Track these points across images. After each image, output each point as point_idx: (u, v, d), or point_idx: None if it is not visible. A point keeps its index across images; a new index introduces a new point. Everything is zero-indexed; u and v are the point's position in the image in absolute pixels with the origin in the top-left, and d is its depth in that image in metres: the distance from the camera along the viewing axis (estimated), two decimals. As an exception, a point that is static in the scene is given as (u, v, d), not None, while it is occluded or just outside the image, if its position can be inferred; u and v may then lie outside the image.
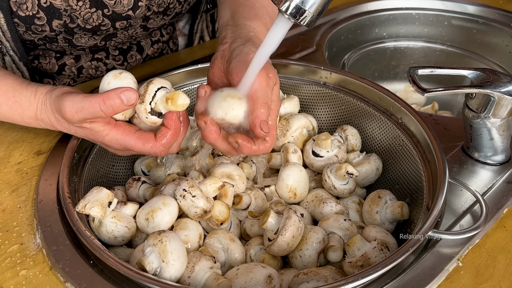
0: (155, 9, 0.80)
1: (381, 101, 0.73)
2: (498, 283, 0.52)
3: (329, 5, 0.51)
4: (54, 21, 0.72)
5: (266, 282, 0.51)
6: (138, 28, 0.82)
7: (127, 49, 0.88)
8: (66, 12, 0.72)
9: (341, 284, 0.46)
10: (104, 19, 0.75)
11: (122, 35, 0.82)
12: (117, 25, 0.77)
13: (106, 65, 0.87)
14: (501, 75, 0.62)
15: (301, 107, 0.81)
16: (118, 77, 0.56)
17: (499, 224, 0.59)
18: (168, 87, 0.57)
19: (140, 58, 0.90)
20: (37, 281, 0.51)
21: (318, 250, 0.57)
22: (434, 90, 0.60)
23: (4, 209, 0.60)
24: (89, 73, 0.86)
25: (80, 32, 0.76)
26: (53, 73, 0.84)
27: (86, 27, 0.75)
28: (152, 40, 0.91)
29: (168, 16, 0.84)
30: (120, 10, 0.75)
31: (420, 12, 1.16)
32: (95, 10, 0.74)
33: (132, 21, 0.78)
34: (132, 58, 0.89)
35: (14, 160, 0.68)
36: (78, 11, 0.72)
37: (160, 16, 0.82)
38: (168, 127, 0.56)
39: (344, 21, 1.10)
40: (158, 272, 0.49)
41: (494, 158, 0.67)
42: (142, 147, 0.57)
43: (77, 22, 0.73)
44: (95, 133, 0.58)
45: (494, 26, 1.11)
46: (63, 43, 0.78)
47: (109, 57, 0.87)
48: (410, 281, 0.50)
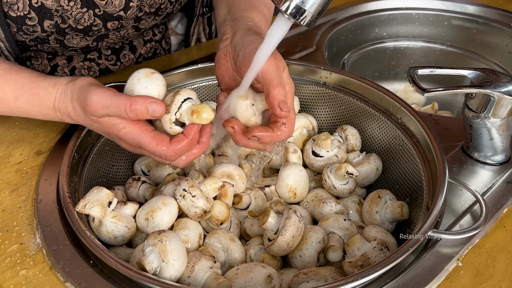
0: (147, 10, 0.80)
1: (381, 101, 0.73)
2: (498, 283, 0.52)
3: (329, 5, 0.51)
4: (46, 21, 0.72)
5: (266, 282, 0.51)
6: (130, 29, 0.82)
7: (119, 48, 0.88)
8: (58, 12, 0.71)
9: (341, 284, 0.46)
10: (96, 19, 0.75)
11: (114, 36, 0.81)
12: (109, 26, 0.77)
13: (99, 65, 0.87)
14: (501, 75, 0.62)
15: (301, 107, 0.81)
16: (150, 77, 0.56)
17: (499, 224, 0.59)
18: (194, 98, 0.57)
19: (133, 57, 0.90)
20: (37, 281, 0.51)
21: (318, 250, 0.57)
22: (434, 90, 0.60)
23: (4, 209, 0.60)
24: (81, 73, 0.86)
25: (72, 33, 0.76)
26: (45, 73, 0.84)
27: (78, 27, 0.75)
28: (145, 39, 0.91)
29: (160, 16, 0.84)
30: (112, 10, 0.75)
31: (420, 12, 1.16)
32: (86, 10, 0.73)
33: (123, 22, 0.78)
34: (125, 58, 0.88)
35: (14, 160, 0.68)
36: (70, 11, 0.72)
37: (152, 16, 0.82)
38: (186, 136, 0.55)
39: (344, 21, 1.10)
40: (158, 271, 0.49)
41: (494, 158, 0.67)
42: (155, 147, 0.55)
43: (69, 23, 0.73)
44: (111, 126, 0.56)
45: (494, 26, 1.11)
46: (55, 44, 0.77)
47: (102, 57, 0.86)
48: (410, 281, 0.50)
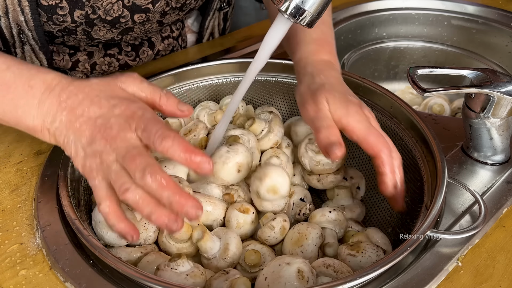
0: (173, 5, 0.80)
1: (380, 101, 0.73)
2: (497, 283, 0.52)
3: (329, 5, 0.51)
4: (76, 11, 0.72)
5: (299, 279, 0.49)
6: (154, 23, 0.82)
7: (139, 44, 0.88)
8: (89, 2, 0.72)
9: (340, 284, 0.46)
10: (124, 10, 0.75)
11: (139, 29, 0.82)
12: (136, 18, 0.77)
13: (119, 61, 0.87)
14: (501, 75, 0.62)
15: (301, 107, 0.81)
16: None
17: (498, 224, 0.59)
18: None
19: (152, 54, 0.91)
20: (37, 281, 0.51)
21: (318, 245, 0.57)
22: (434, 90, 0.60)
23: (4, 208, 0.60)
24: (102, 69, 0.86)
25: (100, 24, 0.76)
26: (66, 69, 0.84)
27: (107, 18, 0.75)
28: (162, 36, 0.92)
29: (183, 12, 0.85)
30: (140, 2, 0.76)
31: (420, 12, 1.16)
32: (116, 0, 0.74)
33: (150, 15, 0.78)
34: (144, 54, 0.89)
35: (14, 159, 0.68)
36: (100, 1, 0.73)
37: (176, 11, 0.83)
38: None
39: (344, 21, 1.10)
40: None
41: (494, 158, 0.67)
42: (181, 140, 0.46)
43: (99, 13, 0.74)
44: (141, 106, 0.49)
45: (494, 26, 1.11)
46: (82, 35, 0.77)
47: (122, 53, 0.87)
48: (409, 281, 0.50)
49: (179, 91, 0.80)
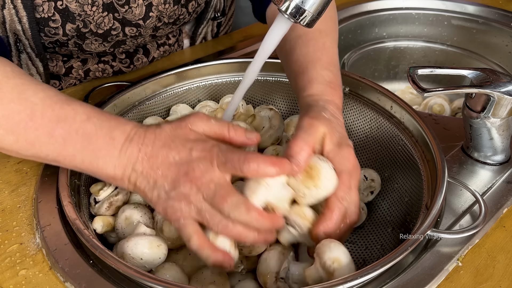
0: (166, 20, 0.81)
1: (380, 101, 0.73)
2: (497, 283, 0.52)
3: (329, 5, 0.51)
4: (68, 25, 0.73)
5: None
6: (147, 37, 0.83)
7: (133, 52, 0.88)
8: (80, 16, 0.73)
9: (339, 283, 0.46)
10: (115, 23, 0.76)
11: (131, 43, 0.82)
12: (127, 31, 0.78)
13: (113, 67, 0.87)
14: (501, 75, 0.62)
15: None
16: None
17: (498, 224, 0.59)
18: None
19: (147, 61, 0.91)
20: (36, 281, 0.51)
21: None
22: (434, 90, 0.60)
23: (4, 208, 0.60)
24: (95, 75, 0.87)
25: (91, 38, 0.77)
26: (60, 75, 0.85)
27: (98, 31, 0.76)
28: (158, 43, 0.92)
29: (177, 25, 0.86)
30: (130, 17, 0.77)
31: (420, 12, 1.16)
32: (106, 14, 0.75)
33: (142, 30, 0.79)
34: (138, 61, 0.89)
35: (14, 159, 0.68)
36: (92, 16, 0.73)
37: (170, 26, 0.83)
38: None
39: (344, 21, 1.10)
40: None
41: (494, 158, 0.67)
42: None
43: (90, 27, 0.75)
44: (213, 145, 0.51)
45: (494, 26, 1.11)
46: (73, 47, 0.78)
47: (116, 60, 0.87)
48: (409, 281, 0.50)
49: (179, 91, 0.80)
